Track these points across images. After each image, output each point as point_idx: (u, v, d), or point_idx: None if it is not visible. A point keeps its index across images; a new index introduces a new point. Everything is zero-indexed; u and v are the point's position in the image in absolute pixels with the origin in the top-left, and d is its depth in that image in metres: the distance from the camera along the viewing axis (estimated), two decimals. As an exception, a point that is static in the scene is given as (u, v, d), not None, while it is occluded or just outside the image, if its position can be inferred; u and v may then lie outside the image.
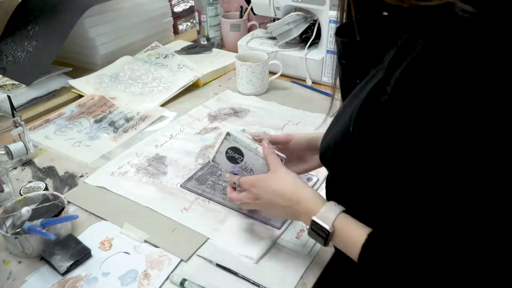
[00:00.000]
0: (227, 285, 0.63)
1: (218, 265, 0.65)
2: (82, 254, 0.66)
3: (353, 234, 0.54)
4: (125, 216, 0.74)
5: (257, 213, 0.74)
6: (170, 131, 0.99)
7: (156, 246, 0.68)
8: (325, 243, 0.56)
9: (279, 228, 0.71)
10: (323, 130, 0.60)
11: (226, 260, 0.66)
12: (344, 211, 0.56)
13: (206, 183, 0.81)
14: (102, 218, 0.74)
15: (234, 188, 0.67)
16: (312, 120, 1.02)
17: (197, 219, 0.73)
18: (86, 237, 0.70)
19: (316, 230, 0.56)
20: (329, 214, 0.56)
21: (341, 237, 0.55)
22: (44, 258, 0.65)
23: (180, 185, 0.81)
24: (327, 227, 0.55)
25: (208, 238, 0.70)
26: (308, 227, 0.57)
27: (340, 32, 0.58)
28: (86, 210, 0.76)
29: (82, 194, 0.80)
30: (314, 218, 0.56)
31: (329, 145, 0.55)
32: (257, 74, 1.12)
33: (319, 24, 1.16)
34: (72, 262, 0.64)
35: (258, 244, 0.68)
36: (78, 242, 0.67)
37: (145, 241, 0.69)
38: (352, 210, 0.56)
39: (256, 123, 1.02)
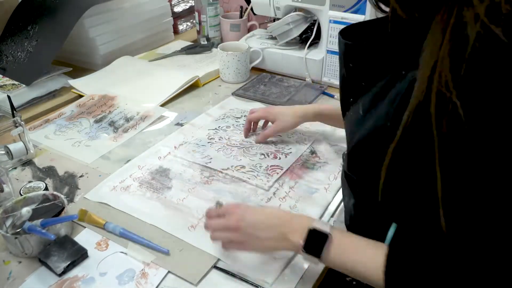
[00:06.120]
0: (226, 285, 0.63)
1: (217, 267, 0.65)
2: (78, 255, 0.66)
3: (356, 242, 0.54)
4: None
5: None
6: (173, 142, 0.95)
7: (163, 268, 0.65)
8: (320, 253, 0.54)
9: None
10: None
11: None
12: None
13: None
14: (106, 238, 0.70)
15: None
16: (316, 124, 0.97)
17: (206, 238, 0.68)
18: (83, 238, 0.70)
19: (312, 240, 0.55)
20: (325, 224, 0.56)
21: (343, 246, 0.54)
22: (40, 259, 0.65)
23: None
24: (327, 230, 0.55)
25: (219, 259, 0.66)
26: (302, 245, 0.55)
27: (345, 34, 0.56)
28: (87, 228, 0.72)
29: None
30: (312, 225, 0.56)
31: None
32: (242, 62, 1.18)
33: (319, 24, 1.16)
34: (68, 262, 0.64)
35: (272, 265, 0.65)
36: (74, 243, 0.67)
37: (152, 262, 0.66)
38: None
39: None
